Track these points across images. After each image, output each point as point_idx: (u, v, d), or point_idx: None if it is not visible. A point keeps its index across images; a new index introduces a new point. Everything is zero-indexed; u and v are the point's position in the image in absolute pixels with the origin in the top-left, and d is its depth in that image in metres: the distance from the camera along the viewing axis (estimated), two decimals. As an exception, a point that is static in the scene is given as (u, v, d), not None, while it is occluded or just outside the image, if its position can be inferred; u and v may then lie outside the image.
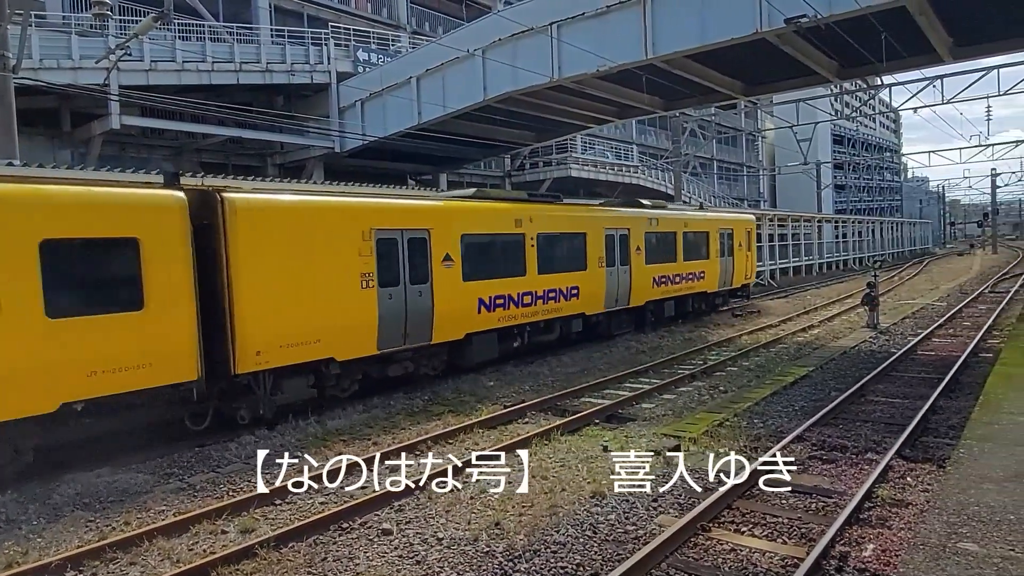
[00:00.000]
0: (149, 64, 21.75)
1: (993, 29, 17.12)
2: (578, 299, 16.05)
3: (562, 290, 15.52)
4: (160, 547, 6.33)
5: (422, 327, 12.14)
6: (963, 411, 9.37)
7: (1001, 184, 74.10)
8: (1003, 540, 4.55)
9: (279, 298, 9.88)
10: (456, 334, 12.89)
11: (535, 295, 14.76)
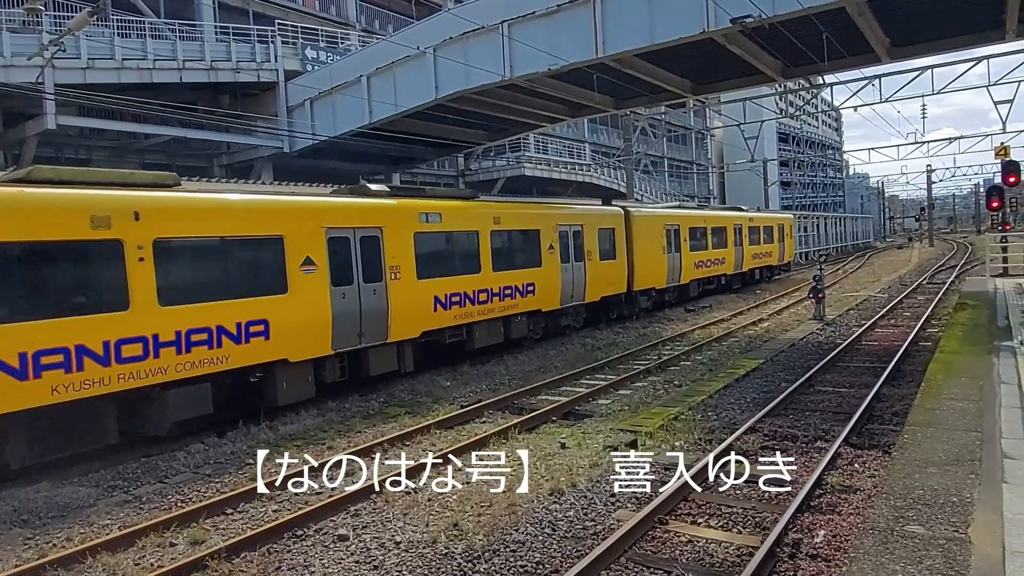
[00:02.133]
0: (86, 62, 20.90)
1: (927, 31, 17.78)
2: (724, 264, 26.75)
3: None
4: (104, 563, 6.09)
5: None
6: (906, 398, 9.69)
7: (936, 180, 77.26)
8: (948, 522, 4.70)
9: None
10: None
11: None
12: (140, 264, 8.95)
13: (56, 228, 8.37)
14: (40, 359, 7.98)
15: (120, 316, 8.76)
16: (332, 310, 11.30)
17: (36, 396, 7.97)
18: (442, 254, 13.98)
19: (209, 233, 9.98)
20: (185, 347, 9.35)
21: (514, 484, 7.39)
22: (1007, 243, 24.27)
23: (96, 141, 24.48)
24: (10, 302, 7.97)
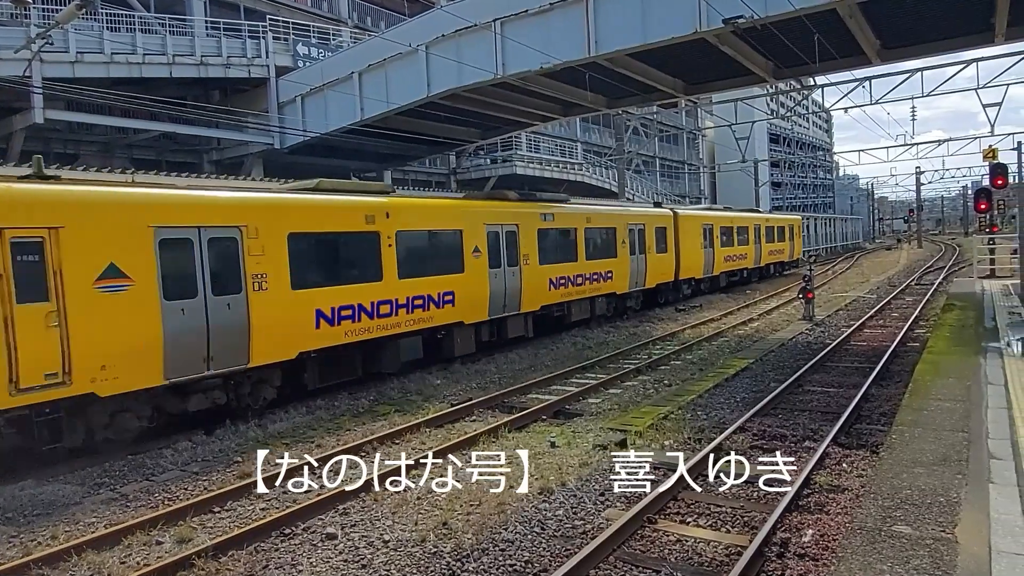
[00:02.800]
0: (75, 56, 20.73)
1: (917, 33, 17.88)
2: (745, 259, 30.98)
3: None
4: (90, 561, 6.03)
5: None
6: (894, 398, 9.75)
7: (925, 182, 77.76)
8: (935, 522, 4.72)
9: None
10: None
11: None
12: (389, 249, 12.55)
13: (344, 223, 12.02)
14: (341, 312, 11.58)
15: (378, 285, 12.37)
16: (489, 287, 14.91)
17: (337, 337, 11.57)
18: (554, 246, 17.33)
19: (423, 227, 13.79)
20: (410, 309, 13.01)
21: (499, 483, 7.40)
22: (994, 245, 24.48)
23: (85, 136, 24.28)
24: (324, 273, 11.58)
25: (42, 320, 8.06)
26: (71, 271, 8.31)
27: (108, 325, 8.61)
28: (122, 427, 9.12)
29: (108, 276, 8.68)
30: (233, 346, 9.98)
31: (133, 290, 8.90)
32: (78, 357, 8.29)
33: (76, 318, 8.31)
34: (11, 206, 8.07)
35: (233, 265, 10.11)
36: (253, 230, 10.32)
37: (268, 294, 10.45)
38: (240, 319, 10.06)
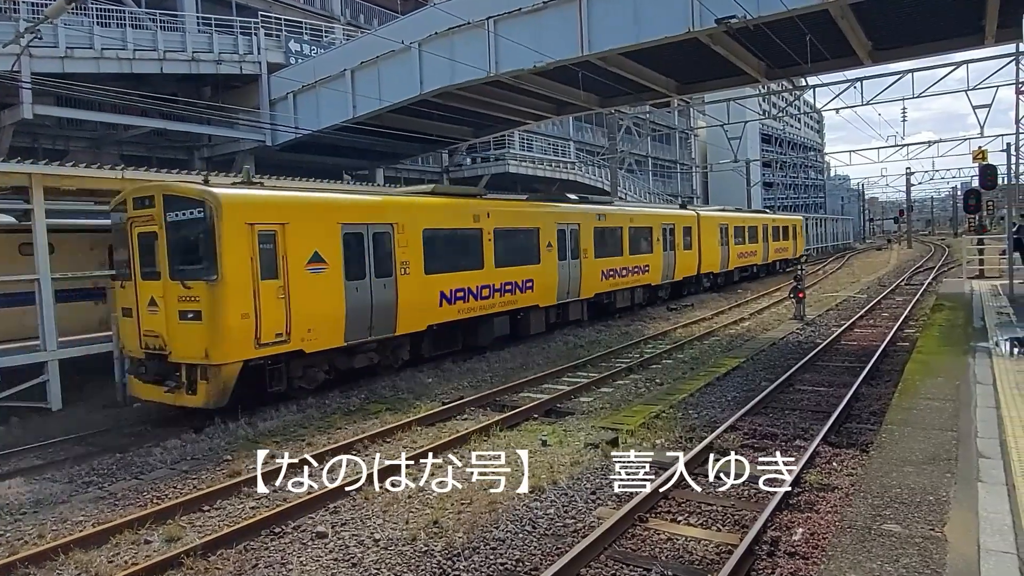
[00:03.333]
0: (64, 51, 20.56)
1: (908, 34, 17.99)
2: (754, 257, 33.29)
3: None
4: (77, 560, 5.98)
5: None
6: (884, 397, 9.79)
7: (915, 183, 78.27)
8: (924, 520, 4.74)
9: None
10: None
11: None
12: (488, 243, 15.13)
13: (459, 221, 14.72)
14: (456, 293, 14.19)
15: (480, 272, 14.95)
16: (558, 276, 17.47)
17: (452, 314, 14.17)
18: (605, 242, 19.86)
19: (512, 225, 16.21)
20: (502, 293, 15.59)
21: (494, 482, 7.39)
22: (983, 246, 24.64)
23: (74, 132, 24.11)
24: (445, 261, 13.89)
25: (274, 293, 10.58)
26: (292, 256, 10.84)
27: (313, 298, 11.14)
28: (311, 378, 11.69)
29: (313, 261, 11.23)
30: (386, 318, 12.65)
31: (327, 272, 11.46)
32: (295, 322, 10.85)
33: (294, 292, 10.84)
34: (258, 207, 10.69)
35: (388, 254, 12.70)
36: (401, 227, 12.92)
37: (409, 278, 13.06)
38: (391, 297, 12.72)
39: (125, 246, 11.04)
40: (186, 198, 10.40)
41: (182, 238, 10.46)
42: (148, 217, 10.62)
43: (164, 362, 10.44)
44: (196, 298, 10.04)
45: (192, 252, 10.39)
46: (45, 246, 11.79)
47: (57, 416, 11.32)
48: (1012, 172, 33.74)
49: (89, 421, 10.92)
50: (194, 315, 10.06)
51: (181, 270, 10.29)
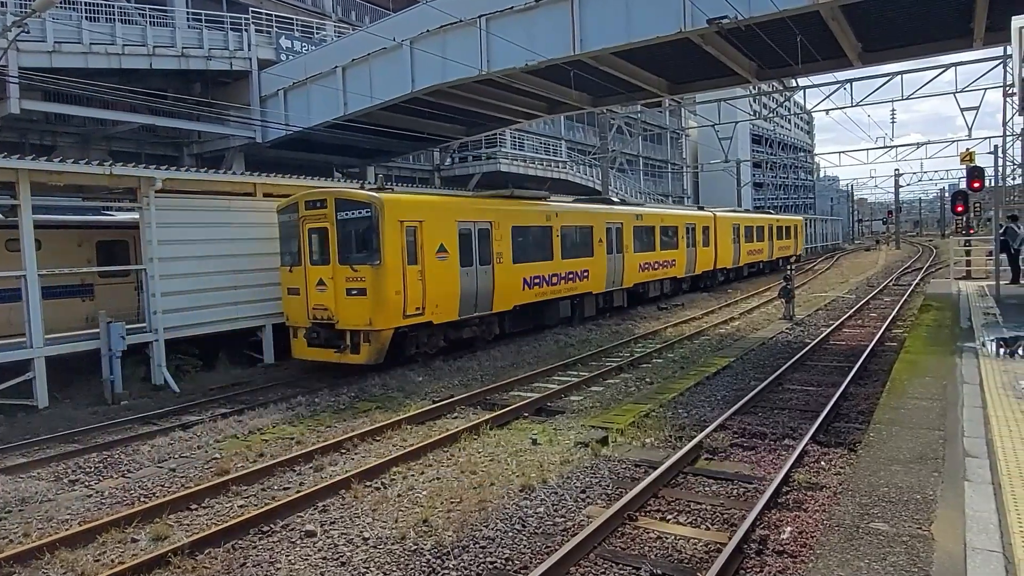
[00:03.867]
0: (52, 45, 20.36)
1: (898, 36, 18.09)
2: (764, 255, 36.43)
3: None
4: (63, 559, 5.93)
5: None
6: (872, 397, 9.85)
7: (904, 184, 78.90)
8: (911, 519, 4.77)
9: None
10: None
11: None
12: (556, 238, 17.95)
13: (537, 220, 17.53)
14: (534, 280, 16.94)
15: (551, 263, 17.72)
16: (607, 267, 20.43)
17: (531, 297, 16.97)
18: (642, 239, 22.87)
19: (574, 224, 19.07)
20: (566, 280, 18.42)
21: (484, 480, 7.39)
22: (970, 247, 24.84)
23: (62, 127, 23.87)
24: (526, 253, 16.70)
25: (416, 276, 13.39)
26: (426, 247, 13.67)
27: (439, 281, 13.97)
28: (434, 344, 14.44)
29: (440, 251, 14.07)
30: (486, 298, 15.48)
31: (449, 260, 14.29)
32: (428, 299, 13.68)
33: (428, 275, 13.67)
34: (406, 207, 13.57)
35: (488, 246, 15.49)
36: (497, 224, 15.80)
37: (502, 266, 15.90)
38: (490, 281, 15.53)
39: (295, 239, 13.87)
40: (355, 200, 13.24)
41: (350, 232, 13.20)
42: (320, 216, 13.33)
43: (331, 329, 13.21)
44: (362, 278, 12.86)
45: (359, 242, 13.10)
46: (32, 242, 11.69)
47: (43, 414, 11.23)
48: (999, 174, 34.04)
49: (76, 419, 10.83)
50: (359, 292, 12.87)
51: (349, 256, 13.06)
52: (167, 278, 13.36)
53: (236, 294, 14.61)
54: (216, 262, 14.24)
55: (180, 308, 13.58)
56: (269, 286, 15.14)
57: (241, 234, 14.85)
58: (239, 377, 13.97)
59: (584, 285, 19.29)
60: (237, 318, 14.69)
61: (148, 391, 12.66)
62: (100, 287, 14.97)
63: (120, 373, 12.22)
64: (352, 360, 13.04)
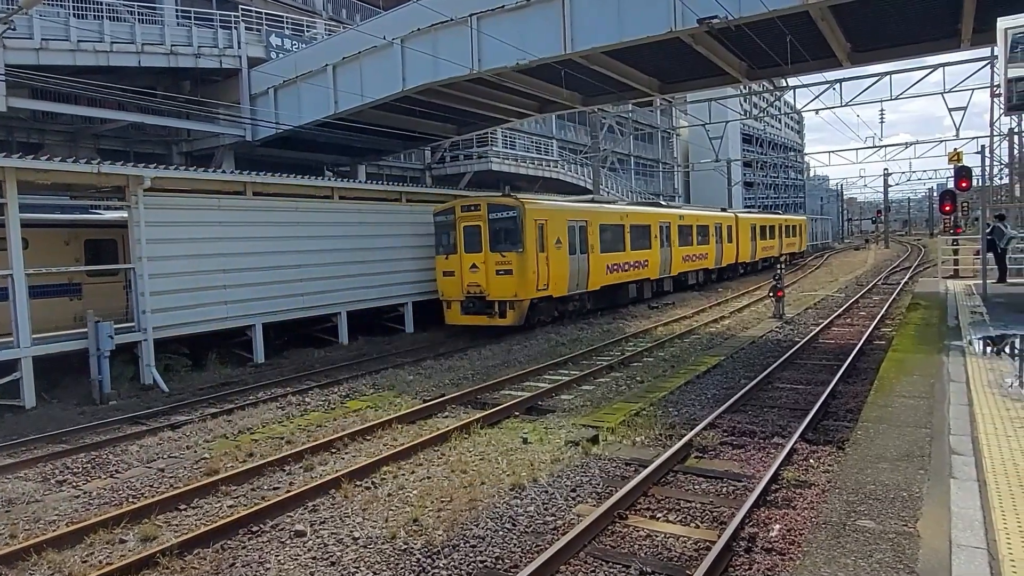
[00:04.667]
0: (40, 42, 20.19)
1: (886, 36, 18.20)
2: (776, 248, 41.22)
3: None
4: (50, 560, 5.89)
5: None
6: (860, 395, 9.91)
7: (892, 183, 79.37)
8: (897, 516, 4.80)
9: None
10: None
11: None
12: (627, 233, 22.13)
13: (615, 220, 21.79)
14: (612, 266, 21.07)
15: (623, 253, 21.88)
16: (660, 258, 24.78)
17: (610, 280, 20.92)
18: (684, 236, 27.24)
19: (638, 222, 23.24)
20: (633, 268, 22.64)
21: (475, 479, 7.39)
22: (958, 246, 25.03)
23: (49, 125, 23.69)
24: (608, 245, 20.77)
25: (544, 261, 17.73)
26: (549, 239, 18.00)
27: (557, 264, 18.39)
28: (549, 313, 18.75)
29: (557, 243, 18.42)
30: (584, 279, 19.76)
31: (562, 249, 18.64)
32: (551, 278, 18.08)
33: (551, 260, 18.04)
34: (538, 210, 17.99)
35: (585, 239, 19.76)
36: (590, 222, 20.24)
37: (594, 255, 20.15)
38: (586, 266, 19.79)
39: (450, 234, 18.08)
40: (504, 204, 17.53)
41: (499, 228, 17.37)
42: (474, 216, 17.68)
43: (483, 301, 17.50)
44: (508, 262, 17.19)
45: (506, 235, 17.31)
46: (19, 241, 11.60)
47: (30, 414, 11.15)
48: (986, 174, 34.30)
49: (63, 419, 10.76)
50: (506, 272, 17.22)
51: (498, 246, 17.31)
52: (156, 277, 13.30)
53: (225, 293, 14.58)
54: (205, 261, 14.21)
55: (169, 307, 13.52)
56: (259, 285, 15.12)
57: (231, 233, 14.82)
58: (229, 377, 13.91)
59: (644, 272, 23.61)
60: (227, 317, 14.65)
61: (137, 391, 12.59)
62: (88, 286, 14.88)
63: (108, 373, 12.14)
64: (500, 323, 17.49)
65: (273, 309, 15.53)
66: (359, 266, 17.76)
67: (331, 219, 17.23)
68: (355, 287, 17.67)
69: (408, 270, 19.31)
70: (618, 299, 22.12)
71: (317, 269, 16.64)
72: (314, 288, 16.55)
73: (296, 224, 16.27)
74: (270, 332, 15.84)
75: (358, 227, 17.96)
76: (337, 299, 17.21)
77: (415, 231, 19.65)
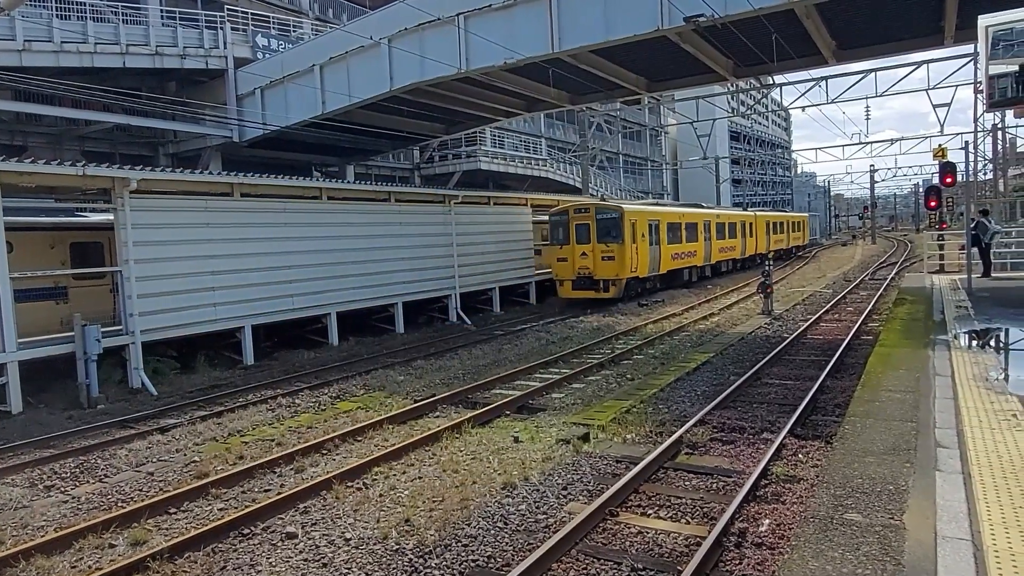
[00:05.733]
0: (22, 44, 20.01)
1: (871, 34, 18.36)
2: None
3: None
4: (39, 566, 5.85)
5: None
6: (847, 390, 9.99)
7: (879, 179, 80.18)
8: (884, 509, 4.86)
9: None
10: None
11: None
12: (683, 229, 27.51)
13: (676, 219, 27.28)
14: (674, 255, 26.68)
15: (680, 244, 27.24)
16: (704, 249, 29.92)
17: (672, 266, 26.58)
18: (720, 231, 32.44)
19: (691, 220, 28.62)
20: (687, 257, 28.10)
21: (467, 479, 7.40)
22: (943, 241, 25.27)
23: (33, 127, 23.47)
24: (672, 238, 26.38)
25: (635, 249, 22.85)
26: (638, 233, 23.02)
27: (642, 253, 23.45)
28: (634, 289, 23.34)
29: (643, 236, 23.51)
30: (657, 264, 24.82)
31: (645, 242, 23.63)
32: (639, 262, 23.25)
33: (639, 250, 23.17)
34: (633, 212, 23.39)
35: (658, 234, 24.86)
36: (660, 220, 25.17)
37: (663, 246, 25.25)
38: (659, 254, 24.91)
39: (564, 229, 23.19)
40: (608, 208, 23.21)
41: (604, 225, 22.53)
42: (584, 216, 22.85)
43: (591, 279, 22.62)
44: (612, 251, 22.35)
45: (610, 230, 22.45)
46: (3, 245, 11.48)
47: (17, 419, 11.04)
48: (970, 169, 34.65)
49: (51, 423, 10.67)
50: (610, 258, 22.37)
51: (604, 238, 22.43)
52: (143, 280, 13.21)
53: (214, 295, 14.51)
54: (193, 263, 14.13)
55: (157, 310, 13.44)
56: (248, 287, 15.05)
57: (219, 235, 14.74)
58: (218, 379, 13.85)
59: (693, 260, 29.03)
60: (215, 319, 14.58)
61: (125, 394, 12.51)
62: (75, 289, 14.76)
63: (96, 376, 12.05)
64: (604, 296, 22.64)
65: (262, 311, 15.46)
66: (348, 267, 17.64)
67: (320, 220, 17.14)
68: (345, 288, 17.53)
69: (398, 270, 19.25)
70: (676, 281, 27.41)
71: (306, 270, 16.57)
72: (303, 289, 16.47)
73: (284, 225, 16.20)
74: (260, 334, 15.78)
75: (347, 228, 17.85)
76: (327, 300, 17.13)
77: (404, 231, 19.60)
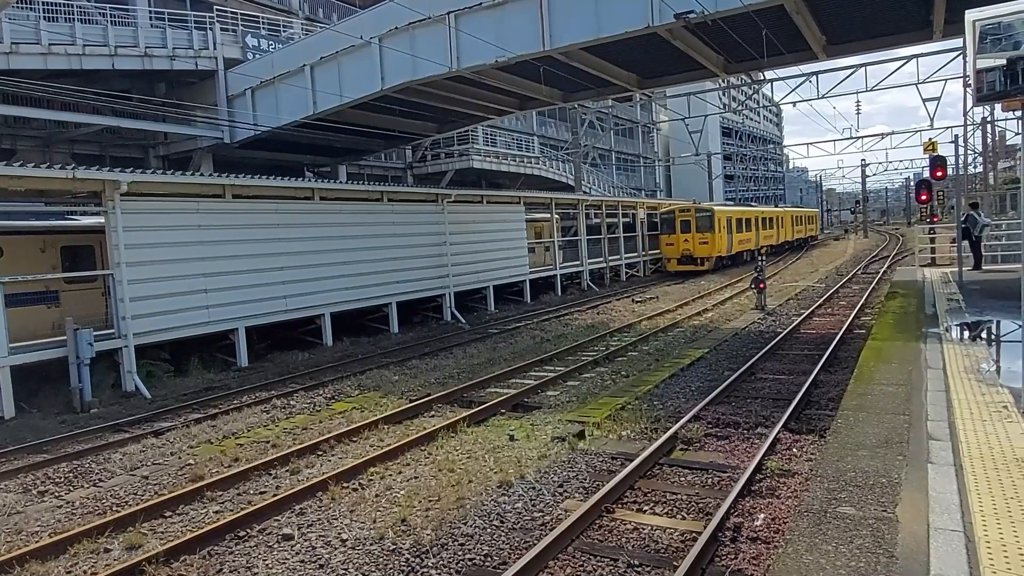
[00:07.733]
0: (9, 46, 19.85)
1: (860, 29, 18.40)
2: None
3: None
4: (34, 571, 5.83)
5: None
6: (840, 384, 10.05)
7: (870, 174, 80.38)
8: (877, 502, 4.89)
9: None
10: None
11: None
12: (741, 222, 37.92)
13: (739, 215, 38.29)
14: (738, 241, 36.92)
15: (742, 234, 37.83)
16: (755, 237, 39.92)
17: (737, 249, 36.94)
18: (765, 224, 42.06)
19: (745, 216, 38.97)
20: (744, 243, 38.30)
21: (463, 478, 7.41)
22: (935, 234, 25.39)
23: (22, 130, 23.30)
24: (736, 230, 36.95)
25: (721, 237, 33.82)
26: (722, 226, 34.09)
27: (724, 239, 34.36)
28: (719, 264, 34.31)
29: (726, 227, 34.59)
30: (730, 248, 35.08)
31: (724, 231, 34.34)
32: (722, 246, 34.11)
33: (722, 237, 34.09)
34: (721, 211, 35.18)
35: (731, 226, 35.08)
36: (732, 218, 35.79)
37: (733, 234, 35.48)
38: (732, 241, 35.32)
39: (671, 226, 33.67)
40: (705, 208, 34.05)
41: (701, 221, 32.79)
42: (687, 215, 33.40)
43: (691, 257, 32.84)
44: (707, 238, 32.78)
45: (705, 223, 32.74)
46: (-7, 249, 11.46)
47: (10, 424, 10.99)
48: (960, 163, 34.84)
49: (44, 428, 10.62)
50: (705, 242, 32.82)
51: (700, 228, 32.75)
52: (135, 283, 13.15)
53: (207, 297, 14.47)
54: (185, 265, 14.09)
55: (149, 313, 13.39)
56: (241, 288, 15.01)
57: (211, 236, 14.70)
58: (212, 381, 13.81)
59: (748, 246, 37.92)
60: (208, 322, 14.54)
61: (119, 398, 12.46)
62: (66, 293, 14.68)
63: (89, 381, 11.98)
64: (701, 269, 32.38)
65: (256, 312, 15.42)
66: (342, 267, 17.59)
67: (312, 220, 17.10)
68: (338, 288, 17.48)
69: (392, 270, 19.15)
70: (738, 260, 36.76)
71: (300, 271, 16.53)
72: (297, 290, 16.43)
73: (277, 226, 16.16)
74: (253, 335, 15.74)
75: (340, 228, 17.80)
76: (320, 301, 17.09)
77: (398, 231, 19.55)
